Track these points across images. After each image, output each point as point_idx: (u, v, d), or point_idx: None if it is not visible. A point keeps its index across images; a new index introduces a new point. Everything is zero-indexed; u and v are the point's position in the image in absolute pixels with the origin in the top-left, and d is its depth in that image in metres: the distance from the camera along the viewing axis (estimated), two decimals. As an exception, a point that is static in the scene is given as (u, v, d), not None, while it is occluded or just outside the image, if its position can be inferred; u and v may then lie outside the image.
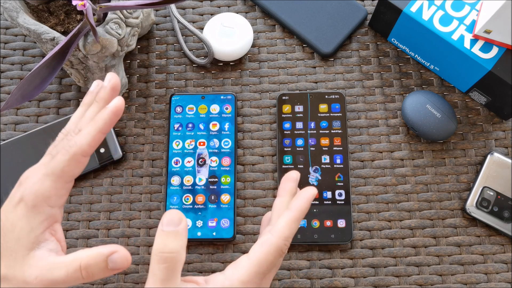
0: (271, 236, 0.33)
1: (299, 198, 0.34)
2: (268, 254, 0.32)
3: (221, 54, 0.53)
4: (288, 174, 0.37)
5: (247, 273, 0.32)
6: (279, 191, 0.37)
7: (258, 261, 0.32)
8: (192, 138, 0.51)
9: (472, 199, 0.48)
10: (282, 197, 0.36)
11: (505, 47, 0.46)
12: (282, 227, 0.33)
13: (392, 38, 0.53)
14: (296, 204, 0.34)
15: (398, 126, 0.52)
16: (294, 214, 0.33)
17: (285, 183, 0.37)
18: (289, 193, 0.37)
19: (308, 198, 0.34)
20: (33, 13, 0.48)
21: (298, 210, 0.34)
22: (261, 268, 0.32)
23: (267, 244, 0.32)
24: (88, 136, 0.32)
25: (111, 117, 0.33)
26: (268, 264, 0.32)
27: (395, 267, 0.47)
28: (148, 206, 0.50)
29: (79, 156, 0.32)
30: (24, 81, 0.42)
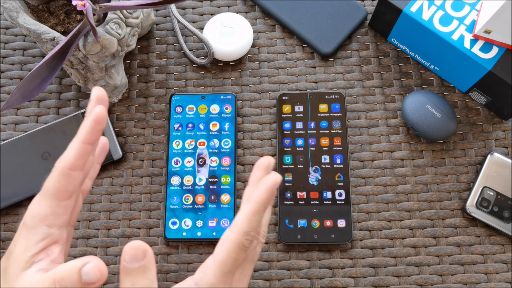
0: (231, 232, 0.31)
1: (258, 188, 0.31)
2: (230, 252, 0.31)
3: (221, 54, 0.53)
4: (260, 160, 0.35)
5: (214, 275, 0.31)
6: (250, 180, 0.35)
7: (222, 260, 0.31)
8: (192, 138, 0.51)
9: (472, 199, 0.48)
10: (251, 187, 0.34)
11: (505, 47, 0.46)
12: (241, 222, 0.31)
13: (392, 38, 0.53)
14: (255, 195, 0.31)
15: (398, 126, 0.52)
16: (253, 206, 0.31)
17: (255, 171, 0.34)
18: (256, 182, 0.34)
19: (268, 187, 0.31)
20: (33, 13, 0.48)
21: (257, 201, 0.31)
22: (227, 267, 0.31)
23: (227, 242, 0.31)
24: (72, 148, 0.31)
25: (92, 125, 0.31)
26: (232, 262, 0.31)
27: (395, 267, 0.47)
28: (148, 206, 0.50)
29: (66, 170, 0.31)
30: (24, 81, 0.42)
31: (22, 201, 0.50)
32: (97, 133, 0.31)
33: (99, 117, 0.31)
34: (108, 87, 0.50)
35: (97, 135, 0.31)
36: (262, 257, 0.48)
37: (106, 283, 0.48)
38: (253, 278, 0.47)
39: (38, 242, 0.30)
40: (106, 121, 0.31)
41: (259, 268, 0.48)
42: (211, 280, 0.31)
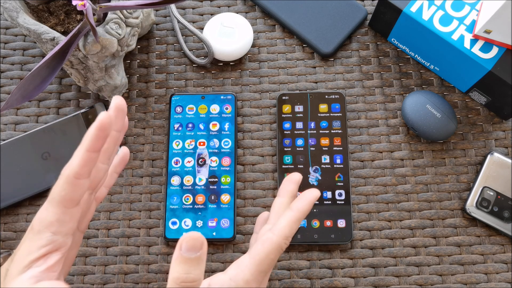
0: (272, 235, 0.33)
1: (301, 199, 0.34)
2: (269, 253, 0.32)
3: (221, 54, 0.53)
4: (291, 175, 0.38)
5: (250, 272, 0.32)
6: (280, 192, 0.37)
7: (260, 259, 0.32)
8: (192, 138, 0.51)
9: (472, 199, 0.48)
10: (282, 198, 0.37)
11: (505, 47, 0.46)
12: (283, 226, 0.33)
13: (392, 38, 0.53)
14: (298, 204, 0.34)
15: (398, 126, 0.52)
16: (295, 214, 0.34)
17: (287, 184, 0.37)
18: (289, 194, 0.37)
19: (310, 199, 0.34)
20: (33, 13, 0.48)
21: (300, 210, 0.34)
22: (263, 267, 0.32)
23: (269, 243, 0.33)
24: (77, 157, 0.31)
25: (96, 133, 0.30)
26: (269, 262, 0.32)
27: (395, 267, 0.47)
28: (148, 206, 0.50)
29: (71, 178, 0.30)
30: (24, 81, 0.42)
31: (22, 201, 0.50)
32: (102, 140, 0.31)
33: (103, 124, 0.30)
34: (108, 87, 0.50)
35: (101, 143, 0.31)
36: (262, 257, 0.48)
37: (106, 283, 0.48)
38: None
39: (41, 247, 0.30)
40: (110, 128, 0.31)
41: (259, 268, 0.48)
42: (246, 277, 0.32)
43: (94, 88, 0.50)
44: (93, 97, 0.54)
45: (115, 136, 0.35)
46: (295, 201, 0.35)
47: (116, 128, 0.35)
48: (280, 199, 0.37)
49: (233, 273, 0.32)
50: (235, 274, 0.32)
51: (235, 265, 0.33)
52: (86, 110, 0.52)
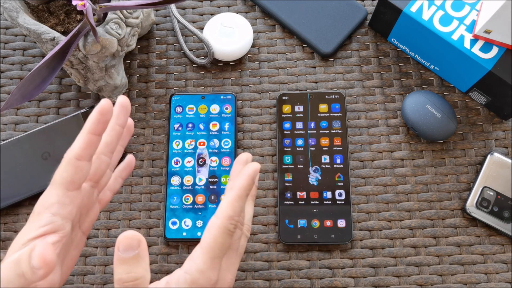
0: (215, 218, 0.32)
1: (240, 176, 0.34)
2: (216, 237, 0.32)
3: (221, 54, 0.53)
4: (239, 156, 0.38)
5: (203, 261, 0.32)
6: (230, 175, 0.37)
7: (209, 246, 0.32)
8: (192, 138, 0.51)
9: (472, 199, 0.48)
10: (231, 181, 0.37)
11: (505, 47, 0.46)
12: (225, 207, 0.32)
13: (392, 38, 0.53)
14: (237, 182, 0.33)
15: (398, 126, 0.52)
16: (235, 192, 0.33)
17: (235, 165, 0.37)
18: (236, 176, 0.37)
19: (248, 174, 0.34)
20: (33, 13, 0.48)
21: (239, 187, 0.33)
22: (215, 252, 0.32)
23: (213, 227, 0.32)
24: (79, 139, 0.32)
25: (97, 117, 0.32)
26: (220, 247, 0.32)
27: (395, 267, 0.47)
28: (148, 206, 0.50)
29: (73, 160, 0.31)
30: (24, 81, 0.42)
31: (22, 201, 0.50)
32: (102, 124, 0.32)
33: (103, 108, 0.32)
34: (108, 87, 0.50)
35: (102, 127, 0.32)
36: (262, 257, 0.48)
37: (106, 283, 0.48)
38: (253, 278, 0.47)
39: (39, 227, 0.31)
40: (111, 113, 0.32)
41: (259, 268, 0.48)
42: (200, 267, 0.31)
43: (94, 88, 0.50)
44: (93, 97, 0.54)
45: (118, 130, 0.36)
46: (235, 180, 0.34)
47: (119, 123, 0.36)
48: (231, 182, 0.37)
49: (187, 266, 0.32)
50: (188, 266, 0.32)
51: (188, 258, 0.33)
52: (86, 110, 0.52)
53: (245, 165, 0.37)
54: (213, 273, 0.32)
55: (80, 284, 0.48)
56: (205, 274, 0.31)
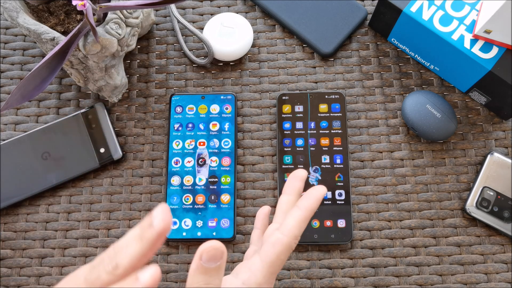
0: (282, 236, 0.33)
1: (308, 197, 0.34)
2: (280, 254, 0.32)
3: (221, 54, 0.53)
4: (296, 172, 0.37)
5: (263, 275, 0.32)
6: (286, 189, 0.37)
7: (272, 261, 0.32)
8: (192, 138, 0.51)
9: (472, 199, 0.48)
10: (288, 196, 0.36)
11: (505, 47, 0.46)
12: (292, 226, 0.33)
13: (392, 38, 0.53)
14: (306, 203, 0.33)
15: (398, 126, 0.52)
16: (304, 213, 0.33)
17: (293, 181, 0.37)
18: (295, 191, 0.36)
19: (317, 197, 0.34)
20: (33, 13, 0.48)
21: (308, 209, 0.33)
22: (275, 268, 0.32)
23: (279, 244, 0.32)
24: (132, 252, 0.27)
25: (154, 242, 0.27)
26: (280, 263, 0.33)
27: (395, 267, 0.47)
28: (148, 206, 0.50)
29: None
30: (24, 81, 0.42)
31: (22, 201, 0.50)
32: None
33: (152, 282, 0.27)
34: (108, 87, 0.50)
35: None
36: (262, 257, 0.48)
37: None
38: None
39: None
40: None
41: (259, 268, 0.48)
42: (259, 280, 0.32)
43: (94, 88, 0.50)
44: (93, 97, 0.54)
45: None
46: (302, 199, 0.34)
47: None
48: (286, 196, 0.36)
49: (245, 276, 0.32)
50: (247, 277, 0.32)
51: (246, 268, 0.33)
52: (86, 110, 0.52)
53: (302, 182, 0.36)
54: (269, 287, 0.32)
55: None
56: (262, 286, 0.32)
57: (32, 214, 0.50)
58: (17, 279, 0.48)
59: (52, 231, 0.49)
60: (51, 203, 0.50)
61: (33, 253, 0.49)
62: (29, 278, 0.48)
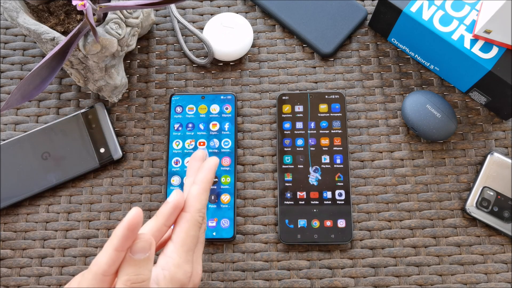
0: (185, 213, 0.34)
1: (201, 170, 0.36)
2: (188, 230, 0.33)
3: (221, 54, 0.53)
4: (195, 153, 0.40)
5: (178, 255, 0.33)
6: (187, 172, 0.39)
7: (182, 239, 0.33)
8: (192, 138, 0.51)
9: (472, 199, 0.48)
10: (190, 177, 0.38)
11: (505, 47, 0.46)
12: (193, 201, 0.34)
13: (392, 38, 0.53)
14: (200, 176, 0.36)
15: (398, 126, 0.52)
16: (201, 186, 0.35)
17: (191, 162, 0.39)
18: (195, 172, 0.39)
19: (210, 168, 0.36)
20: (33, 13, 0.48)
21: (203, 181, 0.35)
22: (188, 245, 0.33)
23: (184, 221, 0.34)
24: (105, 254, 0.30)
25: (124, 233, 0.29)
26: (191, 239, 0.33)
27: (395, 267, 0.47)
28: (148, 206, 0.50)
29: (99, 275, 0.30)
30: (24, 81, 0.42)
31: (22, 201, 0.50)
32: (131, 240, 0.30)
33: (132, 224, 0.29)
34: (108, 87, 0.50)
35: (129, 242, 0.30)
36: (262, 257, 0.48)
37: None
38: (253, 278, 0.47)
39: None
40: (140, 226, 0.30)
41: (259, 268, 0.48)
42: (176, 261, 0.32)
43: (94, 88, 0.50)
44: (93, 97, 0.54)
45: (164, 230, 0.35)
46: (197, 174, 0.36)
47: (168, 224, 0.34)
48: (189, 178, 0.38)
49: (163, 262, 0.33)
50: (164, 262, 0.33)
51: (161, 255, 0.33)
52: (86, 110, 0.52)
53: (201, 162, 0.39)
54: (189, 265, 0.33)
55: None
56: (182, 267, 0.32)
57: (32, 214, 0.50)
58: (17, 279, 0.48)
59: (52, 231, 0.49)
60: (51, 203, 0.50)
61: (33, 253, 0.49)
62: (29, 278, 0.48)
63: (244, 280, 0.47)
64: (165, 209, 0.33)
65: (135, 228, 0.30)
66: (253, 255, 0.48)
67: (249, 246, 0.49)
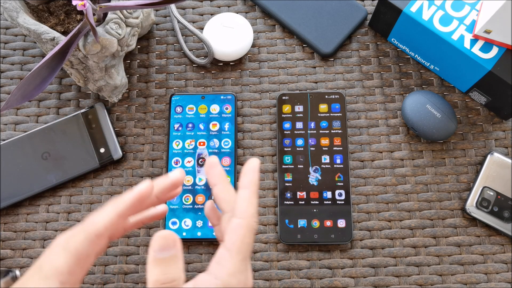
0: (239, 219, 0.31)
1: (246, 173, 0.33)
2: (244, 237, 0.31)
3: (221, 54, 0.53)
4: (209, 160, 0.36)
5: (233, 264, 0.30)
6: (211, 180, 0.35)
7: (238, 248, 0.31)
8: (192, 138, 0.51)
9: (472, 199, 0.48)
10: (216, 185, 0.35)
11: (505, 47, 0.46)
12: (246, 206, 0.32)
13: (392, 38, 0.53)
14: (247, 179, 0.33)
15: (398, 126, 0.52)
16: (250, 189, 0.32)
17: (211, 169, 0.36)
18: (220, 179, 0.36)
19: (254, 169, 0.33)
20: (33, 13, 0.48)
21: (252, 183, 0.33)
22: (244, 253, 0.31)
23: (239, 228, 0.31)
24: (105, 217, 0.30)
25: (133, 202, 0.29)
26: (247, 247, 0.31)
27: (395, 267, 0.47)
28: (148, 206, 0.50)
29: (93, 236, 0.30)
30: (24, 81, 0.42)
31: (22, 201, 0.50)
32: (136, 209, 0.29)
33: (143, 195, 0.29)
34: (108, 87, 0.50)
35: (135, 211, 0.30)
36: (262, 257, 0.48)
37: (106, 283, 0.48)
38: (253, 278, 0.47)
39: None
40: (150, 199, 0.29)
41: (259, 268, 0.48)
42: (230, 270, 0.30)
43: (94, 88, 0.50)
44: (93, 97, 0.54)
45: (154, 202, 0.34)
46: (242, 178, 0.33)
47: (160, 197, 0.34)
48: (215, 187, 0.35)
49: (216, 271, 0.31)
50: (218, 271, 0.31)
51: (214, 263, 0.31)
52: (86, 110, 0.52)
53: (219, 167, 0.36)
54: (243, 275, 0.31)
55: (80, 284, 0.48)
56: (237, 277, 0.30)
57: (32, 214, 0.50)
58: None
59: (52, 231, 0.49)
60: (51, 203, 0.50)
61: (33, 253, 0.49)
62: (29, 278, 0.48)
63: (244, 280, 0.47)
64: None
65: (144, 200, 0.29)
66: (253, 255, 0.48)
67: (249, 246, 0.48)
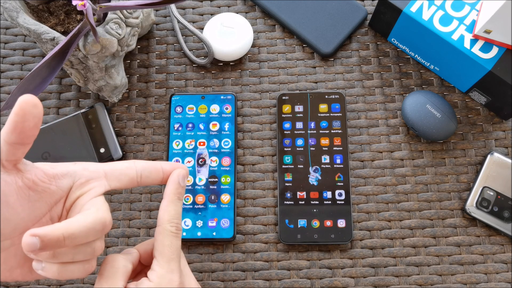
0: (157, 227, 0.36)
1: (168, 184, 0.37)
2: (162, 241, 0.35)
3: (221, 54, 0.53)
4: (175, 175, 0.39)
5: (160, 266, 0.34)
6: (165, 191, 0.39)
7: (159, 251, 0.35)
8: (192, 138, 0.51)
9: (472, 199, 0.48)
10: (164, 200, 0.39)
11: (505, 47, 0.46)
12: (161, 214, 0.36)
13: (392, 38, 0.53)
14: (166, 190, 0.37)
15: (398, 126, 0.52)
16: (166, 198, 0.37)
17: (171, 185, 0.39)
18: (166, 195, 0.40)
19: (172, 180, 0.37)
20: (33, 13, 0.48)
21: (168, 194, 0.37)
22: (167, 255, 0.35)
23: (158, 234, 0.35)
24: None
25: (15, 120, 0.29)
26: (168, 249, 0.35)
27: (395, 267, 0.47)
28: (148, 206, 0.50)
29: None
30: (24, 81, 0.42)
31: (22, 201, 0.50)
32: (24, 129, 0.30)
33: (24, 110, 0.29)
34: (108, 87, 0.50)
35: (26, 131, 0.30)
36: (262, 257, 0.48)
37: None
38: (253, 278, 0.47)
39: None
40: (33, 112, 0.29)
41: (259, 268, 0.48)
42: (159, 272, 0.34)
43: (94, 88, 0.50)
44: (93, 97, 0.54)
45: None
46: (165, 189, 0.37)
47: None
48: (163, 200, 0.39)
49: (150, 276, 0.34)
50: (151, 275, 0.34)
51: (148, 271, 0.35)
52: (86, 110, 0.52)
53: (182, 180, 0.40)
54: (174, 274, 0.34)
55: (80, 284, 0.48)
56: (165, 277, 0.34)
57: (32, 214, 0.50)
58: (17, 279, 0.48)
59: (52, 231, 0.49)
60: (51, 203, 0.50)
61: (33, 253, 0.49)
62: (29, 278, 0.48)
63: (244, 280, 0.47)
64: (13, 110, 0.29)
65: (27, 116, 0.29)
66: (253, 255, 0.48)
67: (249, 246, 0.49)
